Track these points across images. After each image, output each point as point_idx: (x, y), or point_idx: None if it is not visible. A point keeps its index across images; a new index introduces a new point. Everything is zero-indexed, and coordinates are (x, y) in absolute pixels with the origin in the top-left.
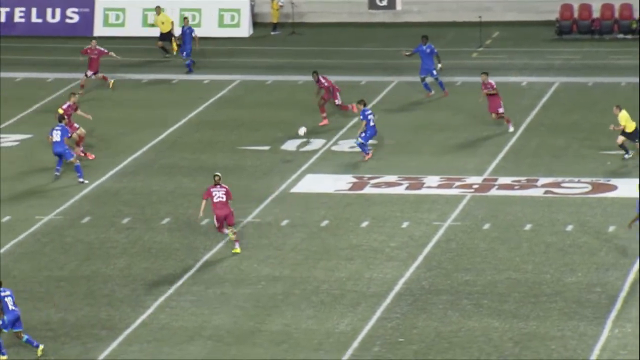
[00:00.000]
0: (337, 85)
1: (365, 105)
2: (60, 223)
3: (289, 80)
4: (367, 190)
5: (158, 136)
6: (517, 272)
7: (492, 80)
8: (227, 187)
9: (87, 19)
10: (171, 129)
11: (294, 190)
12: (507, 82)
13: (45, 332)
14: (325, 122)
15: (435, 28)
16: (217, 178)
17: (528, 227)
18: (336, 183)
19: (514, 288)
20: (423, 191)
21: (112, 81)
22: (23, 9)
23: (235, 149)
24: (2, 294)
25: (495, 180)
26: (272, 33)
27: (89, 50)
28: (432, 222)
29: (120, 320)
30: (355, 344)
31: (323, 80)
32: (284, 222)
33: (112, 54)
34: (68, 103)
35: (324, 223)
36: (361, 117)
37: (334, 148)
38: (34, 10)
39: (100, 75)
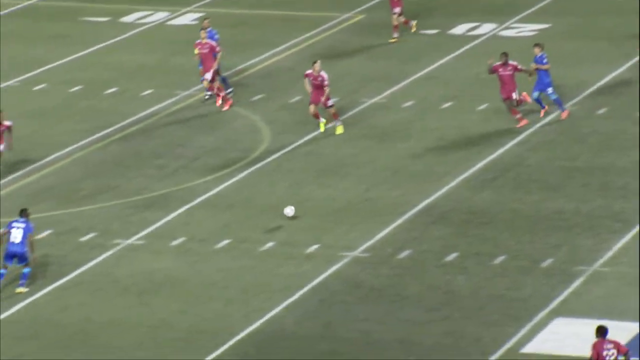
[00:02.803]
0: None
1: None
2: (576, 113)
3: None
4: None
5: None
6: None
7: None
8: None
9: None
10: None
11: None
12: None
13: (557, 222)
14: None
15: None
16: None
17: None
18: None
19: None
20: None
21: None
22: None
23: None
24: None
25: None
26: None
27: (199, 45)
28: None
29: (634, 212)
30: None
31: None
32: None
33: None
34: None
35: None
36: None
37: None
38: None
39: (213, 82)
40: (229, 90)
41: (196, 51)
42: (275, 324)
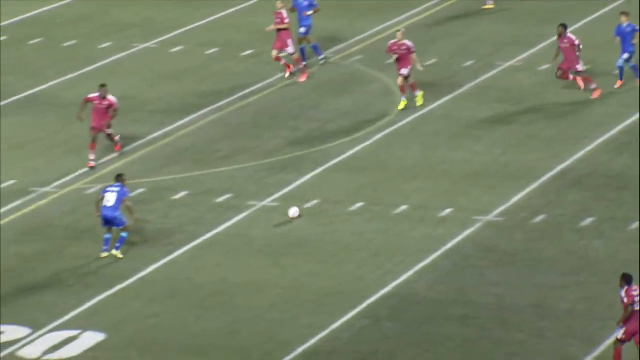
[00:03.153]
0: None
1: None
2: None
3: None
4: None
5: None
6: None
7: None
8: None
9: None
10: None
11: None
12: None
13: None
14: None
15: None
16: None
17: None
18: None
19: None
20: None
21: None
22: None
23: None
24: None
25: None
26: None
27: (277, 16)
28: None
29: None
30: None
31: None
32: None
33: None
34: None
35: None
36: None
37: None
38: None
39: (289, 50)
40: (304, 63)
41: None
42: (408, 287)
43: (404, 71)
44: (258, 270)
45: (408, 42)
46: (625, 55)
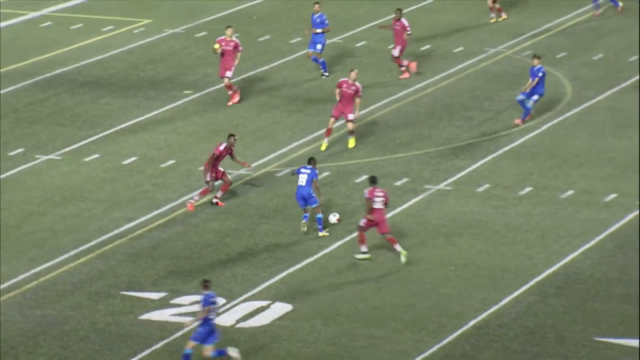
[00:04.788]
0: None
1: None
2: None
3: None
4: None
5: None
6: None
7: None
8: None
9: None
10: None
11: None
12: None
13: None
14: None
15: None
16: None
17: None
18: None
19: None
20: None
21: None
22: None
23: None
24: None
25: None
26: None
27: (223, 42)
28: None
29: None
30: None
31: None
32: None
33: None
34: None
35: None
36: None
37: None
38: None
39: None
40: (325, 74)
41: (217, 46)
42: (573, 267)
43: (351, 116)
44: (433, 248)
45: (359, 85)
46: (536, 97)
